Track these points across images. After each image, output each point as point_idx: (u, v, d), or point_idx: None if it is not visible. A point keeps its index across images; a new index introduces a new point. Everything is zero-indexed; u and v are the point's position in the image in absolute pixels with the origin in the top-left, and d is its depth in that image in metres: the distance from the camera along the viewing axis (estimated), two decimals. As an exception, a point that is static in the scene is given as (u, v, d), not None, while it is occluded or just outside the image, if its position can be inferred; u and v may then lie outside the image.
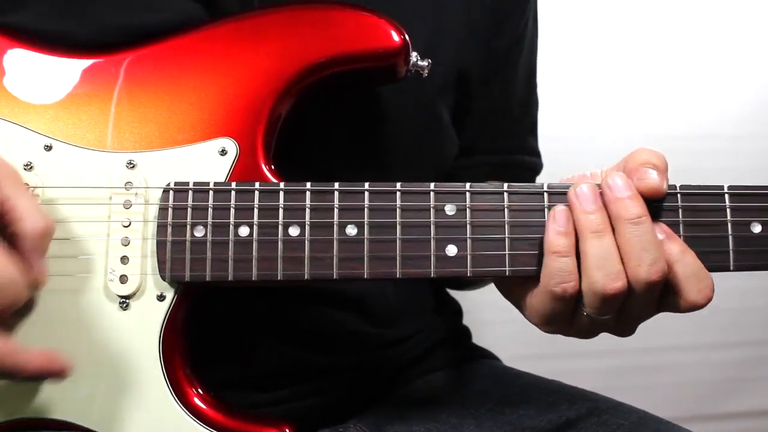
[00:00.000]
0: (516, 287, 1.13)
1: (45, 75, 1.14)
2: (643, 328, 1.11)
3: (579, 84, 2.53)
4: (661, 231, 1.05)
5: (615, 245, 1.03)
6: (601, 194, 1.05)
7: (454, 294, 1.61)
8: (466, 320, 1.60)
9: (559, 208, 1.05)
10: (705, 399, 2.79)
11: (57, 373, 1.02)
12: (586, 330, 1.10)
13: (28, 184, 1.08)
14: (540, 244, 1.06)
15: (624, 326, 1.09)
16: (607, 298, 1.02)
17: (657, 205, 1.07)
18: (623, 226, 1.02)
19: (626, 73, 2.57)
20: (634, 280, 1.02)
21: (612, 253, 1.02)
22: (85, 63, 1.15)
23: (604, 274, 1.01)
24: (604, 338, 1.13)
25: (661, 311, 1.08)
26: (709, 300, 1.04)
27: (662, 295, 1.05)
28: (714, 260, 1.07)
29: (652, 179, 1.05)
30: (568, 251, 1.03)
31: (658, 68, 2.58)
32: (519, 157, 1.56)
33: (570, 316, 1.07)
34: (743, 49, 2.64)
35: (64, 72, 1.14)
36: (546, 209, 1.07)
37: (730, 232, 1.07)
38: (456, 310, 1.59)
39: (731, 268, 1.08)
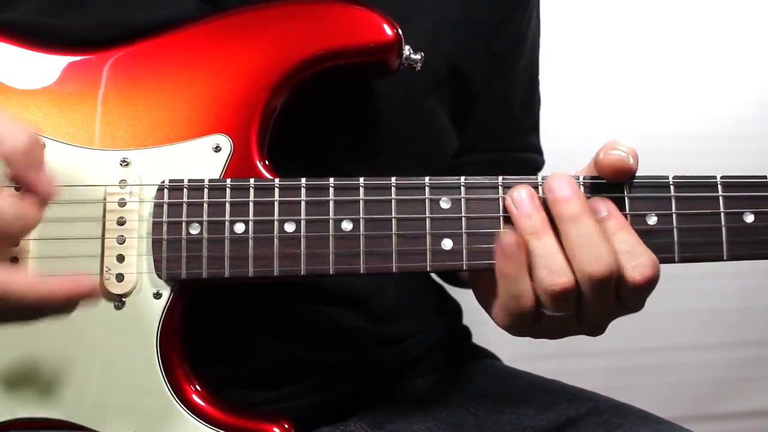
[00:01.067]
0: (483, 291, 1.14)
1: (37, 72, 1.14)
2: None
3: (579, 84, 2.52)
4: (605, 207, 1.06)
5: (556, 243, 1.04)
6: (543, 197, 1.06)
7: (454, 294, 1.61)
8: (466, 320, 1.60)
9: (504, 233, 1.05)
10: (705, 399, 2.78)
11: (88, 294, 1.00)
12: (552, 330, 1.11)
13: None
14: None
15: (589, 324, 1.09)
16: (555, 294, 1.02)
17: (648, 195, 1.07)
18: (563, 225, 1.03)
19: (626, 73, 2.56)
20: (581, 276, 1.02)
21: (553, 251, 1.03)
22: (77, 60, 1.15)
23: (548, 272, 1.02)
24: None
25: (623, 304, 1.07)
26: (648, 279, 1.03)
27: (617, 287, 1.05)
28: (708, 250, 1.07)
29: (618, 153, 1.06)
30: (518, 273, 1.04)
31: (657, 68, 2.58)
32: (522, 155, 1.56)
33: (532, 322, 1.08)
34: (743, 49, 2.64)
35: (55, 69, 1.14)
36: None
37: (723, 222, 1.07)
38: (456, 309, 1.59)
39: (725, 258, 1.08)
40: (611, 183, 1.08)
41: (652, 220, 1.07)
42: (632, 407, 1.32)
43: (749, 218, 1.08)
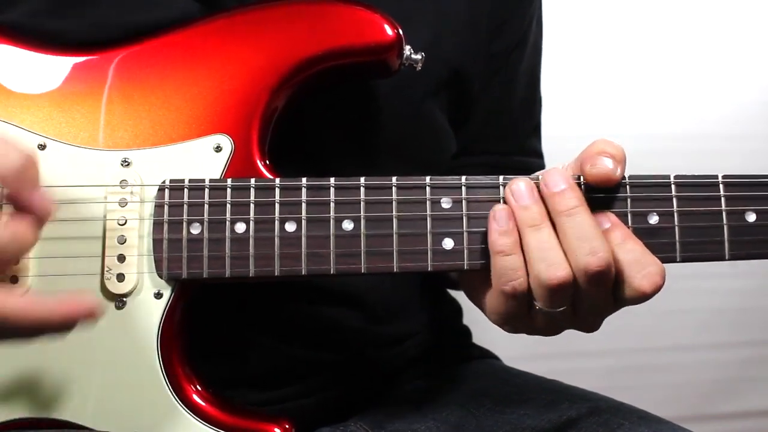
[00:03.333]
0: (476, 288, 1.14)
1: (39, 73, 1.14)
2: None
3: (579, 84, 2.52)
4: (607, 220, 1.06)
5: (554, 236, 1.04)
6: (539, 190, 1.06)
7: (454, 294, 1.61)
8: (466, 320, 1.60)
9: (499, 207, 1.06)
10: (705, 399, 2.78)
11: (87, 315, 0.99)
12: (546, 326, 1.10)
13: None
14: None
15: (584, 320, 1.10)
16: (552, 287, 1.02)
17: (650, 195, 1.07)
18: (559, 219, 1.04)
19: (626, 73, 2.56)
20: (576, 270, 1.02)
21: (552, 244, 1.03)
22: (79, 61, 1.15)
23: (546, 265, 1.02)
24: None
25: (618, 305, 1.08)
26: (657, 287, 1.03)
27: (615, 286, 1.05)
28: (709, 250, 1.07)
29: (603, 166, 1.06)
30: (511, 249, 1.04)
31: (657, 68, 2.58)
32: (520, 159, 1.55)
33: (526, 313, 1.08)
34: (743, 49, 2.64)
35: (57, 70, 1.14)
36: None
37: (724, 221, 1.07)
38: (456, 309, 1.59)
39: (726, 257, 1.08)
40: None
41: (653, 220, 1.07)
42: (632, 407, 1.31)
43: (751, 217, 1.08)
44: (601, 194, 1.07)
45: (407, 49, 1.15)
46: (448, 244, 1.07)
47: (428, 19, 1.30)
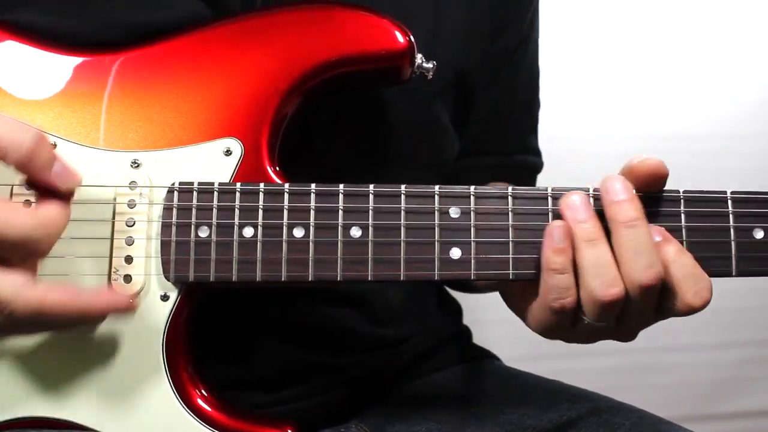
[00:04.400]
0: (517, 297, 1.14)
1: (49, 72, 1.14)
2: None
3: (579, 84, 2.53)
4: (658, 233, 1.05)
5: (610, 252, 1.03)
6: (597, 199, 1.05)
7: (455, 294, 1.61)
8: (466, 320, 1.60)
9: (556, 224, 1.04)
10: (705, 399, 2.79)
11: (125, 307, 1.02)
12: (586, 336, 1.11)
13: None
14: None
15: (624, 332, 1.10)
16: (605, 305, 1.02)
17: (659, 209, 1.07)
18: (618, 229, 1.03)
19: (626, 73, 2.57)
20: (630, 284, 1.02)
21: (607, 260, 1.02)
22: (89, 60, 1.14)
23: (600, 282, 1.02)
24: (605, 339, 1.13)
25: (660, 317, 1.08)
26: (707, 302, 1.04)
27: (660, 299, 1.05)
28: (716, 266, 1.07)
29: (653, 160, 1.06)
30: (565, 268, 1.03)
31: (658, 68, 2.58)
32: (521, 157, 1.56)
33: (570, 326, 1.08)
34: (743, 49, 2.64)
35: (68, 69, 1.14)
36: (550, 213, 1.07)
37: (732, 237, 1.07)
38: (456, 309, 1.59)
39: (733, 273, 1.08)
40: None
41: (661, 235, 1.07)
42: (632, 407, 1.32)
43: (759, 234, 1.08)
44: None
45: (419, 57, 1.15)
46: (455, 253, 1.07)
47: (428, 20, 1.30)
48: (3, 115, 1.01)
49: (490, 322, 1.82)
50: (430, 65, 1.16)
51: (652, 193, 1.08)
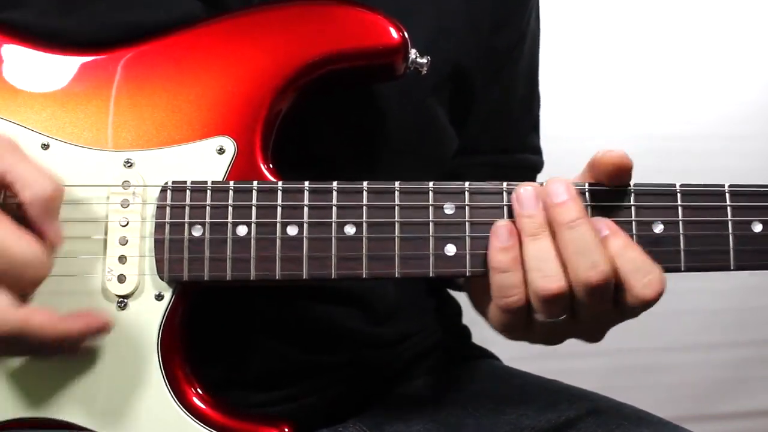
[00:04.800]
0: (478, 298, 1.14)
1: (43, 72, 1.14)
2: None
3: (578, 84, 2.53)
4: (606, 227, 1.04)
5: (553, 247, 1.03)
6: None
7: (454, 294, 1.61)
8: (466, 320, 1.60)
9: (501, 223, 1.05)
10: (705, 399, 2.80)
11: (101, 328, 1.03)
12: (547, 336, 1.11)
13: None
14: None
15: (586, 330, 1.10)
16: (547, 299, 1.01)
17: (656, 204, 1.07)
18: (559, 230, 1.02)
19: (626, 73, 2.57)
20: (575, 282, 1.01)
21: (549, 254, 1.02)
22: (83, 60, 1.14)
23: (541, 276, 1.01)
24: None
25: (623, 314, 1.07)
26: (659, 293, 1.03)
27: (615, 295, 1.04)
28: (714, 260, 1.06)
29: (616, 152, 1.05)
30: (508, 266, 1.03)
31: (657, 68, 2.58)
32: (521, 155, 1.56)
33: (525, 325, 1.07)
34: (743, 49, 2.65)
35: (61, 69, 1.14)
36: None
37: (730, 231, 1.07)
38: (456, 309, 1.59)
39: (732, 267, 1.07)
40: (615, 190, 1.07)
41: (658, 228, 1.07)
42: (632, 407, 1.32)
43: (757, 228, 1.07)
44: (605, 203, 1.07)
45: (413, 53, 1.14)
46: (450, 249, 1.06)
47: (427, 17, 1.30)
48: (30, 157, 1.03)
49: (489, 323, 1.82)
50: (424, 60, 1.16)
51: (642, 186, 1.08)
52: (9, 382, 1.08)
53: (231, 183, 1.08)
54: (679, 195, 1.07)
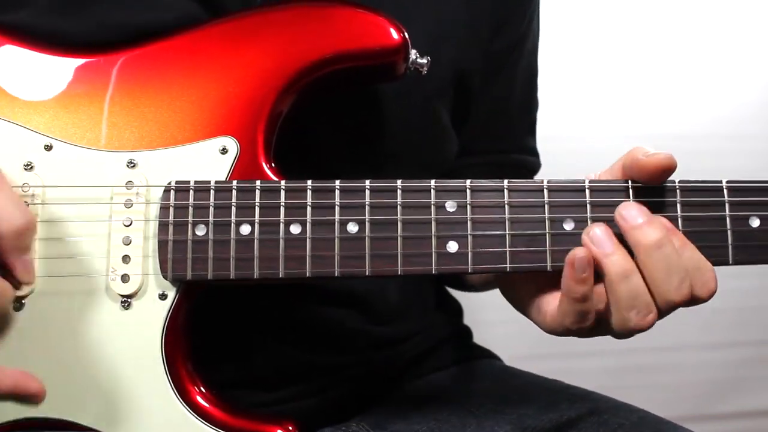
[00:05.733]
0: (518, 287, 1.14)
1: (45, 74, 1.14)
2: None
3: (577, 84, 2.53)
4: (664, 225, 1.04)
5: (643, 282, 1.02)
6: (615, 226, 1.04)
7: (455, 293, 1.61)
8: (467, 320, 1.60)
9: (580, 254, 1.02)
10: (705, 399, 2.79)
11: (29, 396, 1.04)
12: (588, 334, 1.10)
13: (8, 183, 1.07)
14: (541, 240, 1.07)
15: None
16: (639, 330, 1.03)
17: (654, 200, 1.07)
18: (644, 252, 1.01)
19: (625, 73, 2.57)
20: (663, 303, 1.02)
21: (642, 290, 1.02)
22: (84, 62, 1.15)
23: (636, 312, 1.01)
24: (605, 338, 1.13)
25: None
26: (713, 293, 1.04)
27: None
28: (713, 255, 1.06)
29: (663, 155, 1.04)
30: (585, 296, 1.02)
31: (657, 68, 2.58)
32: (518, 157, 1.56)
33: (586, 334, 1.08)
34: (743, 49, 2.64)
35: (63, 71, 1.14)
36: (546, 206, 1.08)
37: (729, 226, 1.07)
38: (456, 309, 1.59)
39: (730, 262, 1.08)
40: (613, 188, 1.08)
41: (657, 224, 1.07)
42: (632, 407, 1.32)
43: (755, 223, 1.08)
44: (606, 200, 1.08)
45: (413, 53, 1.15)
46: (452, 247, 1.07)
47: (427, 19, 1.30)
48: (9, 190, 1.04)
49: (490, 322, 1.82)
50: (424, 60, 1.16)
51: (641, 183, 1.08)
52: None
53: (234, 183, 1.08)
54: (678, 191, 1.08)
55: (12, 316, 1.06)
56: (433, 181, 1.08)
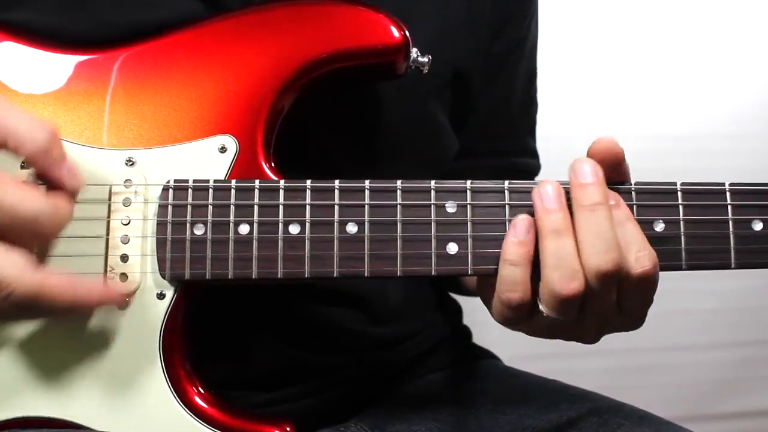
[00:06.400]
0: (484, 289, 1.14)
1: (43, 71, 1.14)
2: (643, 327, 1.10)
3: (577, 84, 2.53)
4: (613, 197, 1.04)
5: (575, 245, 1.01)
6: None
7: (454, 294, 1.61)
8: (466, 320, 1.60)
9: (521, 217, 1.04)
10: (705, 399, 2.79)
11: (117, 302, 1.05)
12: (547, 330, 1.10)
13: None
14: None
15: (586, 331, 1.09)
16: (563, 299, 1.01)
17: (656, 202, 1.07)
18: (579, 210, 1.01)
19: (625, 73, 2.57)
20: (588, 271, 1.00)
21: (570, 253, 1.01)
22: (84, 59, 1.14)
23: (560, 275, 1.00)
24: (605, 338, 1.12)
25: (621, 316, 1.06)
26: (646, 273, 1.02)
27: (618, 292, 1.04)
28: (715, 258, 1.06)
29: (606, 138, 1.06)
30: (520, 261, 1.03)
31: (657, 68, 2.58)
32: (518, 159, 1.56)
33: (527, 319, 1.07)
34: (743, 49, 2.64)
35: (62, 69, 1.14)
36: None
37: (731, 230, 1.07)
38: (456, 309, 1.59)
39: (733, 266, 1.07)
40: (617, 188, 1.07)
41: (659, 227, 1.07)
42: (632, 407, 1.32)
43: (758, 226, 1.08)
44: None
45: (414, 52, 1.14)
46: (452, 248, 1.06)
47: (428, 19, 1.30)
48: (20, 109, 1.02)
49: (490, 322, 1.81)
50: (425, 59, 1.16)
51: (643, 185, 1.08)
52: (8, 381, 1.08)
53: (233, 181, 1.08)
54: (680, 194, 1.07)
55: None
56: (433, 182, 1.08)
